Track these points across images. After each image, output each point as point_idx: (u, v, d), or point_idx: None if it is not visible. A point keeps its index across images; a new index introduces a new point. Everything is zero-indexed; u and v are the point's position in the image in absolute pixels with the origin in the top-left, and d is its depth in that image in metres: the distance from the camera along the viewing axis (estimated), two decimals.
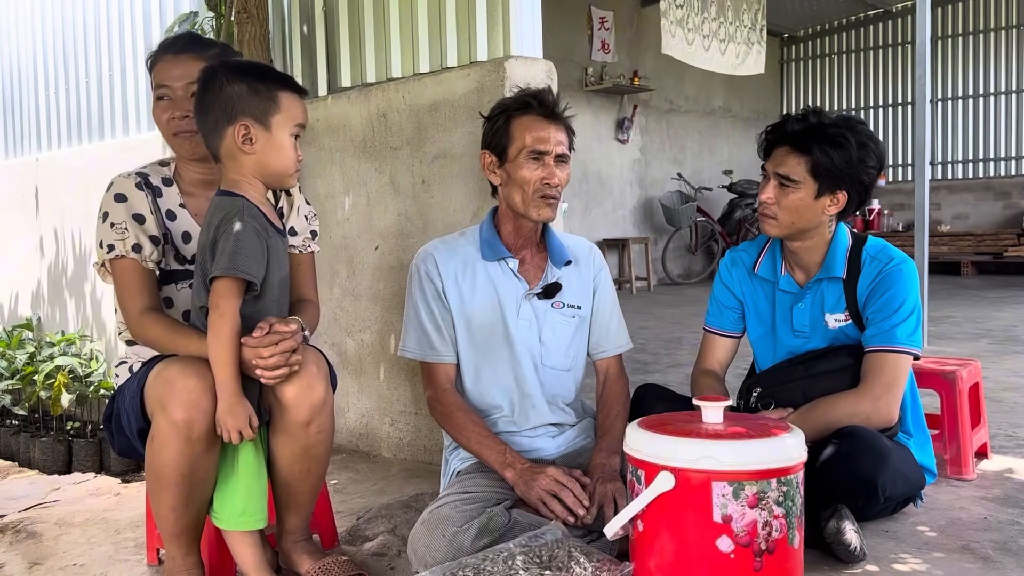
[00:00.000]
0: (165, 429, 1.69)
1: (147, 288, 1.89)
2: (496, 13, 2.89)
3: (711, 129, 11.27)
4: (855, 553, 1.91)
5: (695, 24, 6.52)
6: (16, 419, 5.21)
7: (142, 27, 4.90)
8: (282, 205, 2.13)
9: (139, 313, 1.86)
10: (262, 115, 1.79)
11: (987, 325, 5.96)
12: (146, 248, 1.89)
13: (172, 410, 1.67)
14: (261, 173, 1.83)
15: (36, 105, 5.85)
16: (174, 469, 1.71)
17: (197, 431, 1.69)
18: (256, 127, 1.79)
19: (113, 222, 1.89)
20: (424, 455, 3.01)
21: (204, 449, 1.72)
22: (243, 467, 1.83)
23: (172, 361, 1.75)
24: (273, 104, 1.80)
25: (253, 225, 1.75)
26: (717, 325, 2.44)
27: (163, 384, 1.70)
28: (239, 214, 1.75)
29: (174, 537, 1.81)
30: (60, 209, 5.37)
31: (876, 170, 2.17)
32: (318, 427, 1.85)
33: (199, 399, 1.68)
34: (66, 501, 2.90)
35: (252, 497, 1.83)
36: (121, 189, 1.93)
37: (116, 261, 1.89)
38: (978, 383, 2.83)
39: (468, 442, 2.09)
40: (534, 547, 1.73)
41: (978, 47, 11.22)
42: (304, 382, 1.79)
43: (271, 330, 1.73)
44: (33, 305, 5.73)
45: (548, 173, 2.07)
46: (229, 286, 1.72)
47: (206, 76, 1.82)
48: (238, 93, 1.78)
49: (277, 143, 1.80)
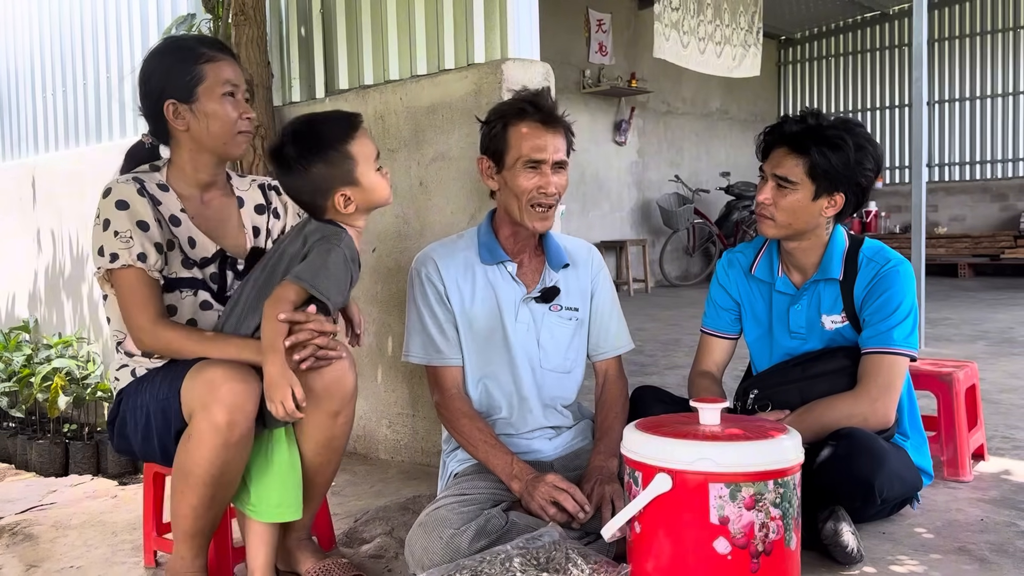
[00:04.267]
0: (205, 429, 1.68)
1: (156, 297, 1.87)
2: (493, 15, 2.89)
3: (708, 131, 11.28)
4: (852, 555, 1.91)
5: (690, 27, 6.53)
6: (13, 421, 5.21)
7: (139, 29, 4.89)
8: (276, 206, 2.13)
9: (153, 323, 1.84)
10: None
11: (984, 327, 5.96)
12: (151, 257, 1.86)
13: (215, 411, 1.67)
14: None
15: (33, 107, 5.84)
16: (206, 470, 1.71)
17: (237, 433, 1.69)
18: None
19: (117, 230, 1.84)
20: (421, 457, 3.01)
21: (239, 452, 1.73)
22: (278, 459, 1.85)
23: (213, 363, 1.74)
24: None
25: (346, 255, 1.82)
26: (714, 327, 2.44)
27: (206, 386, 1.70)
28: (339, 241, 1.82)
29: (188, 537, 1.81)
30: (57, 211, 5.37)
31: (874, 172, 2.18)
32: (345, 418, 1.89)
33: (244, 402, 1.69)
34: (63, 503, 2.89)
35: (287, 489, 1.85)
36: (122, 196, 1.87)
37: (121, 271, 1.85)
38: (975, 385, 2.83)
39: (475, 449, 2.08)
40: (531, 549, 1.73)
41: (975, 49, 11.24)
42: (337, 373, 1.81)
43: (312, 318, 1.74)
44: (30, 307, 5.72)
45: (545, 182, 2.05)
46: (298, 292, 1.75)
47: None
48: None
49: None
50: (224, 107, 1.92)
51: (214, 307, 1.98)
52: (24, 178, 5.69)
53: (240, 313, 1.87)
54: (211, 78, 1.92)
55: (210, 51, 1.95)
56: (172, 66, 1.93)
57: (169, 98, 1.91)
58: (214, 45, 1.98)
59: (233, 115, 1.93)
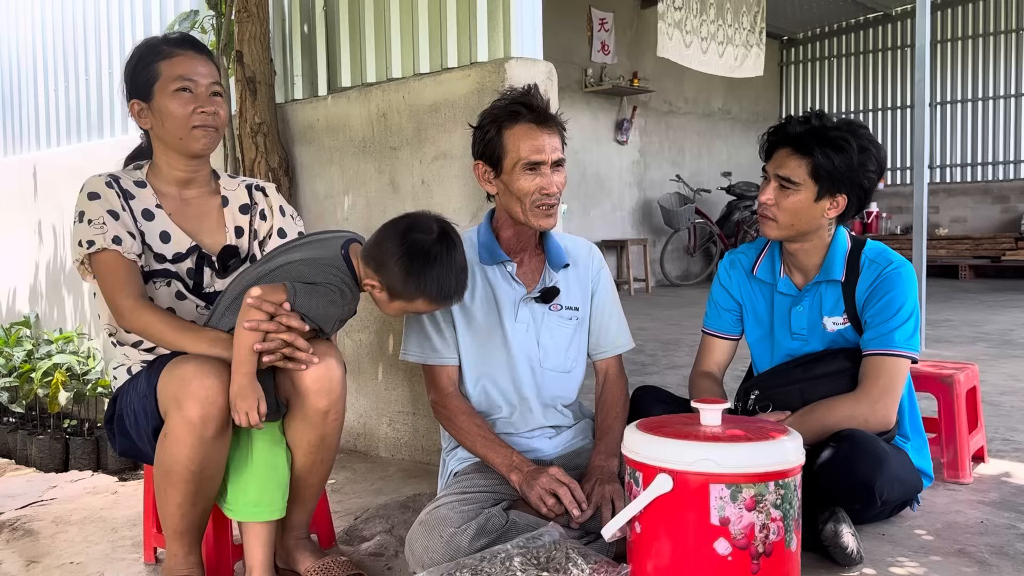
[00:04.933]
0: (179, 426, 1.69)
1: (135, 277, 1.88)
2: (497, 14, 2.89)
3: (710, 131, 11.28)
4: (852, 556, 1.91)
5: (693, 26, 6.53)
6: (13, 416, 5.21)
7: (142, 25, 4.88)
8: (262, 207, 2.13)
9: (133, 302, 1.84)
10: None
11: (984, 329, 5.96)
12: (126, 241, 1.88)
13: (188, 407, 1.67)
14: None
15: (35, 103, 5.84)
16: (185, 467, 1.71)
17: (211, 429, 1.69)
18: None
19: (91, 219, 1.88)
20: (422, 455, 3.01)
21: (216, 447, 1.73)
22: (258, 458, 1.83)
23: (187, 359, 1.74)
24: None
25: (344, 293, 1.84)
26: (715, 327, 2.44)
27: (178, 382, 1.70)
28: (341, 282, 1.84)
29: (178, 535, 1.81)
30: (59, 207, 5.36)
31: (876, 174, 2.18)
32: (335, 415, 1.88)
33: (216, 397, 1.68)
34: (63, 499, 2.90)
35: (267, 488, 1.84)
36: (93, 188, 1.93)
37: (98, 255, 1.87)
38: (975, 387, 2.83)
39: (473, 446, 2.08)
40: (532, 548, 1.74)
41: (977, 51, 11.23)
42: (323, 370, 1.81)
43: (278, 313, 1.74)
44: (31, 302, 5.72)
45: (546, 183, 2.05)
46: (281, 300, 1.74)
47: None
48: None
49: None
50: (174, 103, 1.92)
51: (188, 298, 1.99)
52: (26, 173, 5.69)
53: (223, 309, 1.88)
54: (165, 75, 1.93)
55: (169, 47, 1.95)
56: (135, 66, 1.97)
57: (134, 97, 1.96)
58: (178, 41, 1.98)
59: (184, 111, 1.92)
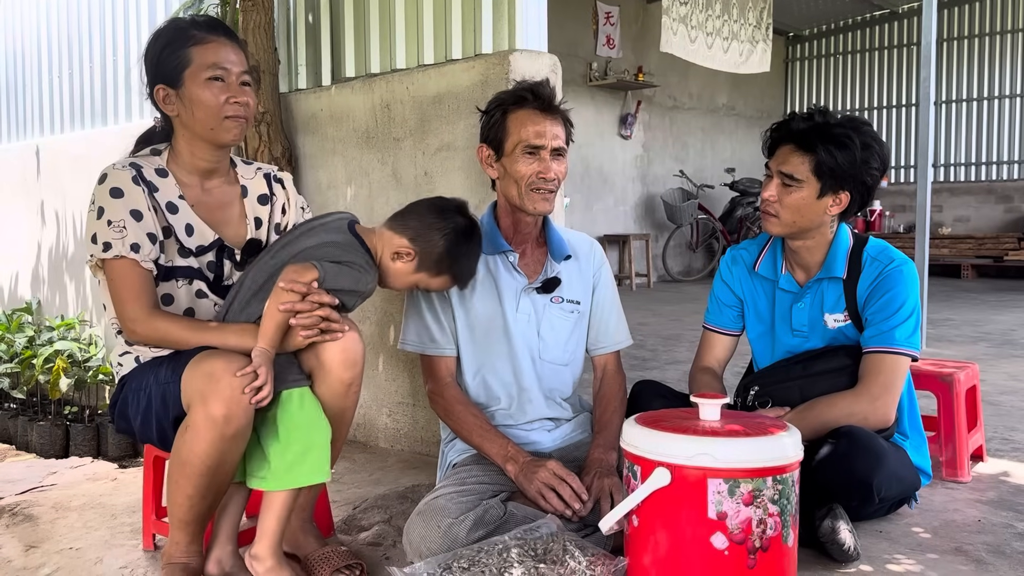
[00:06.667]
0: (202, 422, 1.66)
1: (149, 288, 1.85)
2: (502, 6, 2.88)
3: (714, 127, 11.26)
4: (849, 553, 1.92)
5: (698, 21, 6.51)
6: (14, 402, 5.22)
7: (147, 12, 4.88)
8: (281, 201, 2.10)
9: (148, 313, 1.82)
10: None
11: (986, 328, 5.96)
12: (145, 247, 1.83)
13: (213, 405, 1.65)
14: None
15: (39, 89, 5.84)
16: (203, 461, 1.69)
17: (234, 427, 1.67)
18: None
19: (110, 219, 1.81)
20: (421, 446, 3.02)
21: (235, 444, 1.71)
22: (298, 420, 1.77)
23: (214, 355, 1.72)
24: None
25: (366, 270, 1.92)
26: (716, 323, 2.44)
27: (205, 378, 1.67)
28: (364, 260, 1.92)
29: (184, 524, 1.80)
30: (61, 194, 5.37)
31: (879, 172, 2.17)
32: (356, 389, 1.89)
33: (243, 396, 1.66)
34: (63, 485, 2.90)
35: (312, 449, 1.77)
36: (117, 183, 1.83)
37: (113, 261, 1.82)
38: (975, 386, 2.83)
39: (469, 436, 2.09)
40: (529, 540, 1.74)
41: (983, 50, 11.20)
42: (349, 342, 1.81)
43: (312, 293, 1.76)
44: (33, 289, 5.73)
45: (544, 168, 2.06)
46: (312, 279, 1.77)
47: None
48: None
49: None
50: (207, 92, 1.86)
51: (209, 296, 1.96)
52: (29, 160, 5.70)
53: (244, 299, 1.87)
54: (197, 62, 1.86)
55: (200, 32, 1.88)
56: (163, 49, 1.88)
57: (159, 83, 1.89)
58: (209, 26, 1.91)
59: (217, 100, 1.86)
